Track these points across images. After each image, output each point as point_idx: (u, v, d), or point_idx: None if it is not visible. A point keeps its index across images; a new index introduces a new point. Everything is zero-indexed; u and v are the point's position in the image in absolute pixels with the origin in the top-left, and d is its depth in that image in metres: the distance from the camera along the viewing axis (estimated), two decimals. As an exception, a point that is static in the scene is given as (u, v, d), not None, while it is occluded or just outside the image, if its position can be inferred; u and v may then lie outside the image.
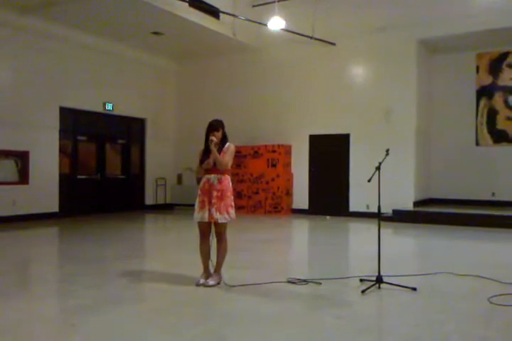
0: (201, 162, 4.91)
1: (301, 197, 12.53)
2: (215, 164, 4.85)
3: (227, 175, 4.93)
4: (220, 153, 4.86)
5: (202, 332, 3.62)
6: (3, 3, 9.70)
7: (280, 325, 3.77)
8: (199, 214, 4.87)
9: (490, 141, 11.77)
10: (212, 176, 4.88)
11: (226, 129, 5.06)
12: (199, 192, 4.92)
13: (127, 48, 12.79)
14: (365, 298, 4.47)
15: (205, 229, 4.95)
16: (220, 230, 4.89)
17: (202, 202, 4.87)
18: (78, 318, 3.90)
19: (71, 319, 3.93)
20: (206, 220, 4.84)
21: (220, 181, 4.85)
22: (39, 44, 10.77)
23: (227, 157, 4.88)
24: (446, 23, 10.60)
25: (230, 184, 4.96)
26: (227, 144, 4.96)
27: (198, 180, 5.04)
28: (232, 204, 4.92)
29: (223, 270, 4.96)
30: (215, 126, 4.93)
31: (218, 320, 3.94)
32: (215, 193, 4.81)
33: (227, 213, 4.83)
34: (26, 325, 3.75)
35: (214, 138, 4.85)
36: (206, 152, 4.89)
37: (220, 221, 4.81)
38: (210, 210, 4.80)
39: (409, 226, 10.12)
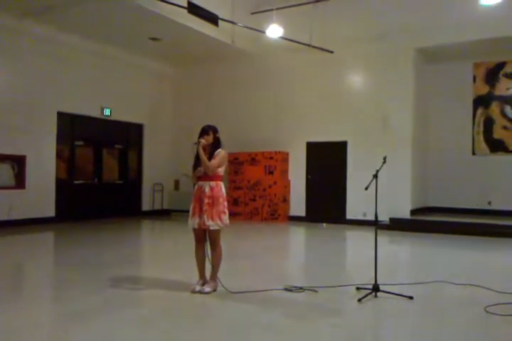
0: (193, 169, 4.92)
1: (298, 205, 12.53)
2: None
3: (218, 182, 4.91)
4: (210, 158, 4.86)
5: (197, 339, 3.60)
6: (3, 7, 9.73)
7: (276, 333, 3.75)
8: (191, 221, 4.89)
9: (487, 150, 11.81)
10: (204, 183, 4.87)
11: (223, 135, 5.06)
12: (192, 198, 4.93)
13: (125, 53, 12.82)
14: (361, 307, 4.46)
15: (199, 235, 4.94)
16: (213, 237, 4.88)
17: (194, 209, 4.88)
18: (72, 325, 3.88)
19: (65, 325, 3.91)
20: (197, 227, 4.84)
21: (211, 188, 4.83)
22: (37, 48, 10.79)
23: (216, 161, 4.85)
24: (443, 32, 10.65)
25: (223, 190, 4.94)
26: (219, 150, 4.95)
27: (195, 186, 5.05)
28: (225, 210, 4.90)
29: (220, 276, 4.94)
30: (206, 129, 4.94)
31: (214, 327, 3.92)
32: (206, 200, 4.80)
33: (220, 220, 4.82)
34: (20, 331, 3.73)
35: (202, 140, 4.86)
36: (198, 159, 4.89)
37: (211, 228, 4.79)
38: (201, 217, 4.80)
39: (406, 234, 10.11)
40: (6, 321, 3.96)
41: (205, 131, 4.93)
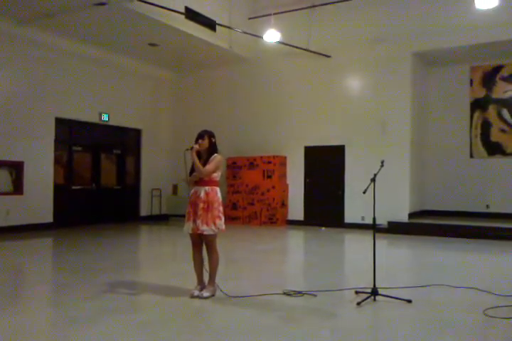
0: (190, 174, 4.92)
1: (296, 209, 12.53)
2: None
3: (214, 187, 4.90)
4: (205, 163, 4.86)
5: (196, 344, 3.60)
6: (1, 13, 9.74)
7: (275, 338, 3.74)
8: (186, 226, 4.89)
9: (484, 153, 11.83)
10: (199, 188, 4.87)
11: (221, 140, 5.06)
12: (188, 203, 4.93)
13: (124, 59, 12.84)
14: (360, 310, 4.46)
15: (195, 240, 4.94)
16: (208, 241, 4.87)
17: (188, 214, 4.88)
18: (71, 330, 3.87)
19: (64, 330, 3.90)
20: (191, 231, 4.84)
21: (206, 193, 4.83)
22: (35, 54, 10.80)
23: (210, 166, 4.84)
24: (440, 36, 10.70)
25: (219, 195, 4.93)
26: (214, 155, 4.94)
27: None
28: (221, 215, 4.88)
29: (219, 281, 4.93)
30: (202, 134, 4.95)
31: (212, 332, 3.91)
32: (201, 205, 4.79)
33: (214, 224, 4.80)
34: (19, 337, 3.72)
35: (196, 146, 4.86)
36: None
37: (206, 232, 4.78)
38: (195, 222, 4.79)
39: (404, 237, 10.12)
40: (3, 326, 3.94)
41: (200, 136, 4.94)
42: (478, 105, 11.95)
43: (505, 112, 11.65)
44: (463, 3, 10.13)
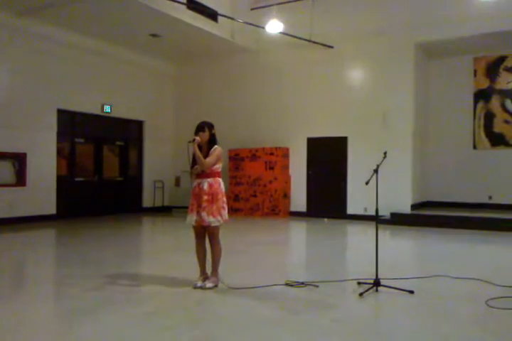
0: (191, 167, 4.92)
1: (298, 200, 12.53)
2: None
3: (217, 178, 4.91)
4: (206, 155, 4.86)
5: (198, 335, 3.61)
6: (1, 5, 9.70)
7: (277, 328, 3.76)
8: (189, 218, 4.90)
9: (487, 144, 11.80)
10: (202, 180, 4.87)
11: (224, 131, 5.05)
12: (191, 195, 4.93)
13: (126, 50, 12.80)
14: (362, 301, 4.47)
15: (199, 232, 4.96)
16: (213, 233, 4.89)
17: (191, 206, 4.89)
18: (74, 321, 3.90)
19: (67, 321, 3.93)
20: (194, 223, 4.85)
21: (210, 185, 4.83)
22: (37, 46, 10.77)
23: (210, 158, 4.84)
24: (443, 27, 10.63)
25: (222, 186, 4.94)
26: (215, 147, 4.94)
27: None
28: (225, 205, 4.91)
29: (222, 272, 4.95)
30: (202, 126, 4.94)
31: (215, 323, 3.93)
32: (205, 197, 4.80)
33: (220, 215, 4.83)
34: (23, 327, 3.74)
35: (197, 138, 4.85)
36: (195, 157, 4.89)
37: (213, 224, 4.80)
38: (200, 214, 4.80)
39: (406, 229, 10.13)
40: (10, 317, 3.97)
41: (200, 128, 4.93)
42: (481, 96, 11.89)
43: (508, 103, 11.60)
44: (467, -7, 10.05)
